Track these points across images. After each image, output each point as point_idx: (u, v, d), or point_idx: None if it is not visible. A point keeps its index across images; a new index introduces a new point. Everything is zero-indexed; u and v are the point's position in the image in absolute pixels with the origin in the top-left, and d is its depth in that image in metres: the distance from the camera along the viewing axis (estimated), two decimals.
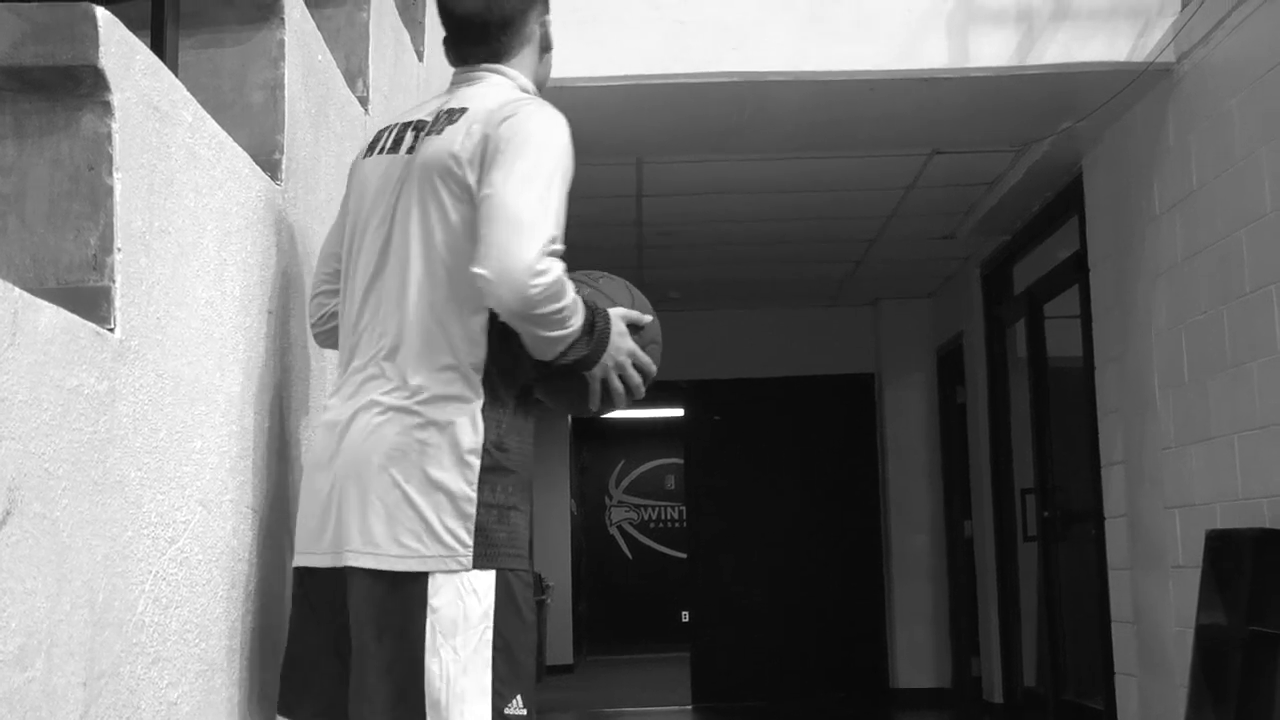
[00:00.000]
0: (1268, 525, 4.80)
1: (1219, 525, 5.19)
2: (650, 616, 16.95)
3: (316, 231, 3.21)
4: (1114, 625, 6.55)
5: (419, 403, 2.48)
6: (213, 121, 2.50)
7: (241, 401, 2.60)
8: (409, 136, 2.65)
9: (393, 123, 2.75)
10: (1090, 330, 6.76)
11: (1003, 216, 7.87)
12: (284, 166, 2.93)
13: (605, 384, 2.64)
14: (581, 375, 2.60)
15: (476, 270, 2.40)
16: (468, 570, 2.43)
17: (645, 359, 2.69)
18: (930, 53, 5.65)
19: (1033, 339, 8.13)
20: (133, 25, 2.17)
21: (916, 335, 10.57)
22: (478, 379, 2.51)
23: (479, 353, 2.51)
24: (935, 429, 10.47)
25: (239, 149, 2.66)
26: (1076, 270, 6.99)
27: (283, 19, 2.94)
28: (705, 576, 10.82)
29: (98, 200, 2.04)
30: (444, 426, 2.47)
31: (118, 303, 2.04)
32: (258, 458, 2.70)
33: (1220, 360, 5.20)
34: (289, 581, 2.91)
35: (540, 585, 12.81)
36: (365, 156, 2.74)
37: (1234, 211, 5.06)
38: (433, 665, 2.38)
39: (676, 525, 17.05)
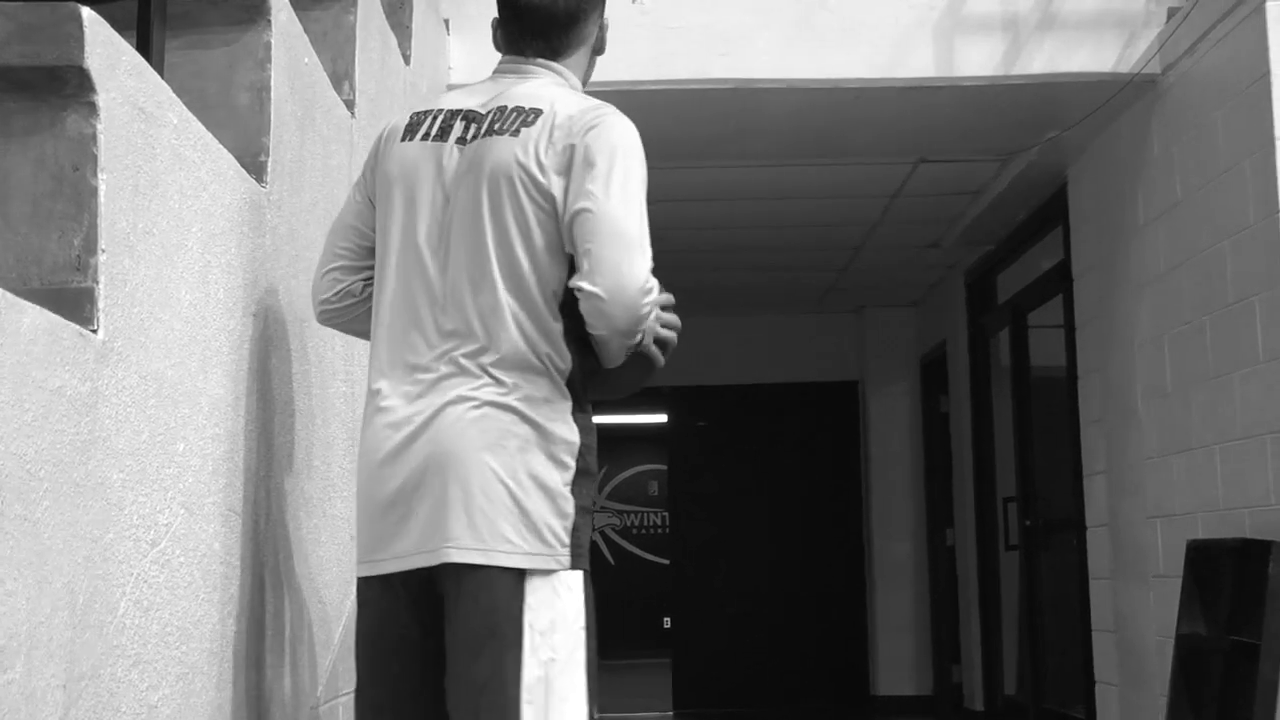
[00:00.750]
0: (1249, 535, 4.81)
1: (1200, 535, 5.20)
2: (632, 622, 16.92)
3: (302, 234, 3.20)
4: (1095, 634, 6.57)
5: (518, 399, 2.46)
6: (198, 123, 2.50)
7: (225, 404, 2.60)
8: (459, 126, 2.59)
9: (431, 108, 2.66)
10: (1074, 340, 6.77)
11: (987, 226, 7.88)
12: (269, 169, 2.93)
13: (657, 340, 2.65)
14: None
15: (587, 287, 2.43)
16: (566, 569, 2.45)
17: (666, 296, 2.67)
18: (917, 62, 5.65)
19: (1016, 348, 8.15)
20: (118, 26, 2.17)
21: (901, 343, 10.58)
22: (563, 383, 2.51)
23: (564, 358, 2.51)
24: (918, 437, 10.48)
25: (224, 151, 2.65)
26: (1060, 280, 7.01)
27: (269, 21, 2.94)
28: (688, 583, 10.82)
29: (82, 201, 2.04)
30: (541, 426, 2.46)
31: (101, 304, 2.04)
32: (241, 460, 2.69)
33: (1203, 371, 5.22)
34: (279, 588, 2.91)
35: None
36: (403, 140, 2.63)
37: (1218, 223, 5.07)
38: (530, 664, 2.37)
39: (659, 531, 17.04)
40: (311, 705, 3.23)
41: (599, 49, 2.77)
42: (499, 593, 2.39)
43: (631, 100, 5.77)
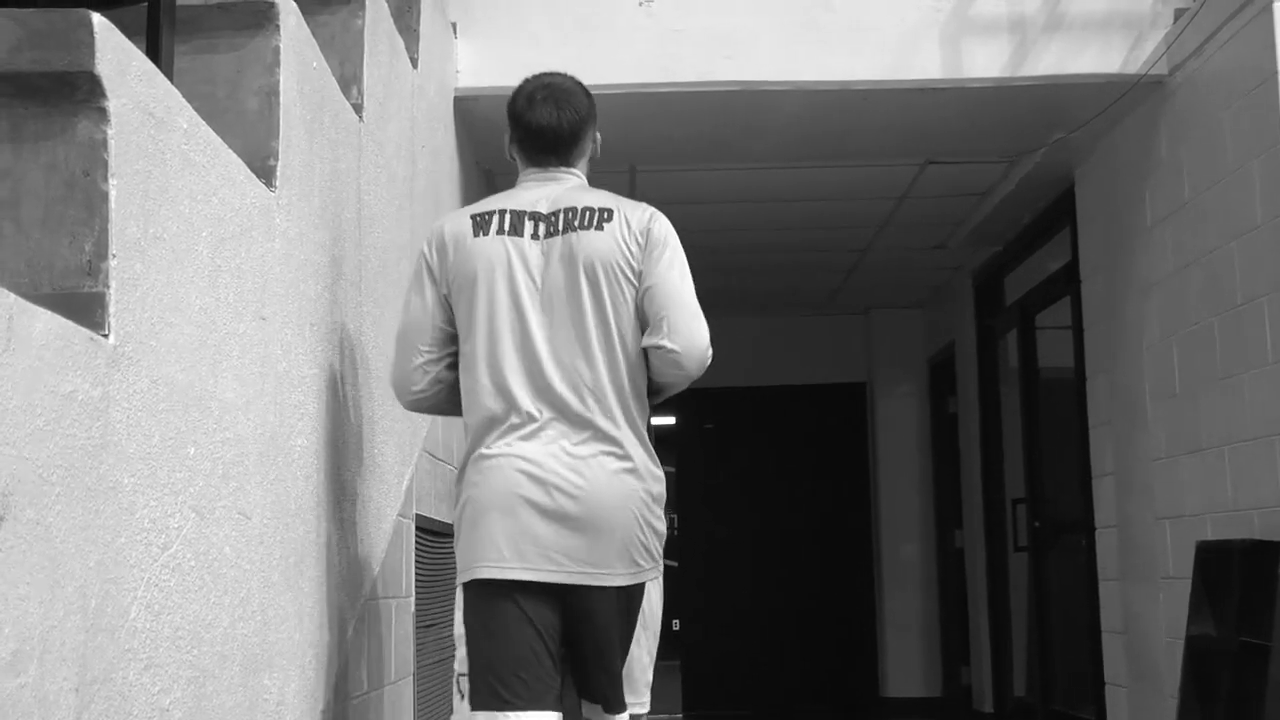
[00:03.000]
0: (1258, 536, 4.81)
1: (1210, 536, 5.20)
2: None
3: (311, 238, 3.21)
4: (1104, 636, 6.56)
5: (643, 457, 3.21)
6: (208, 128, 2.51)
7: (235, 408, 2.60)
8: (529, 224, 3.23)
9: (488, 209, 3.26)
10: (1082, 341, 6.76)
11: (995, 227, 7.88)
12: (279, 173, 2.94)
13: None
14: None
15: (664, 343, 3.18)
16: (661, 574, 3.38)
17: None
18: (923, 63, 5.65)
19: (1024, 349, 8.14)
20: (128, 31, 2.17)
21: (908, 345, 10.57)
22: (649, 432, 3.29)
23: (647, 414, 3.27)
24: (926, 438, 10.48)
25: (234, 155, 2.66)
26: (1068, 281, 7.00)
27: (278, 26, 2.95)
28: (696, 585, 10.81)
29: (93, 206, 2.05)
30: (654, 476, 3.25)
31: (112, 309, 2.04)
32: (251, 464, 2.70)
33: (1211, 372, 5.21)
34: (289, 592, 2.91)
35: None
36: (475, 237, 3.22)
37: (1225, 223, 5.07)
38: (647, 644, 3.66)
39: (668, 533, 17.04)
40: (323, 708, 3.23)
41: (595, 156, 3.46)
42: (630, 601, 3.24)
43: (637, 102, 5.82)
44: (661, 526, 3.28)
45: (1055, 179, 6.91)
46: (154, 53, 2.57)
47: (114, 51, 2.07)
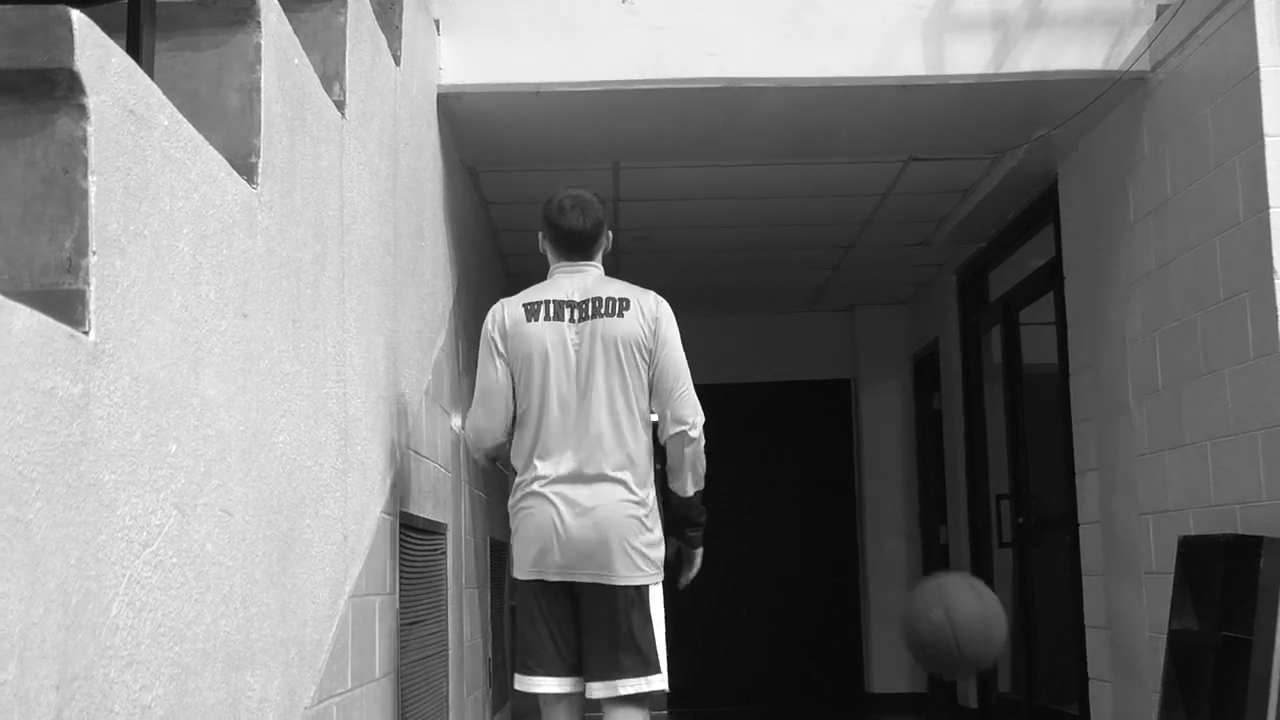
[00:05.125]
0: (1240, 531, 4.83)
1: (1192, 531, 5.22)
2: None
3: (292, 235, 3.21)
4: (1088, 631, 6.58)
5: (641, 496, 4.22)
6: (189, 125, 2.50)
7: (216, 405, 2.60)
8: (567, 311, 4.24)
9: (536, 299, 4.27)
10: (1065, 337, 6.78)
11: (978, 223, 7.89)
12: (260, 170, 2.93)
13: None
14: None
15: (682, 411, 4.27)
16: (659, 582, 4.23)
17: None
18: (907, 60, 5.67)
19: (1008, 346, 8.16)
20: (108, 28, 2.17)
21: (893, 341, 10.59)
22: (653, 474, 4.29)
23: (649, 456, 4.26)
24: (911, 435, 10.50)
25: (215, 152, 2.65)
26: (1051, 277, 7.02)
27: (259, 22, 2.94)
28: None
29: (72, 203, 2.04)
30: (652, 506, 4.26)
31: (92, 306, 2.04)
32: (233, 461, 2.69)
33: (1194, 367, 5.23)
34: (271, 589, 2.91)
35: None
36: (529, 321, 4.24)
37: (1207, 219, 5.09)
38: (656, 626, 4.17)
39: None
40: (305, 705, 3.23)
41: (608, 249, 4.40)
42: (637, 598, 4.16)
43: (620, 99, 5.83)
44: (659, 542, 4.28)
45: (1038, 175, 6.92)
46: (134, 49, 2.57)
47: (93, 48, 2.07)
